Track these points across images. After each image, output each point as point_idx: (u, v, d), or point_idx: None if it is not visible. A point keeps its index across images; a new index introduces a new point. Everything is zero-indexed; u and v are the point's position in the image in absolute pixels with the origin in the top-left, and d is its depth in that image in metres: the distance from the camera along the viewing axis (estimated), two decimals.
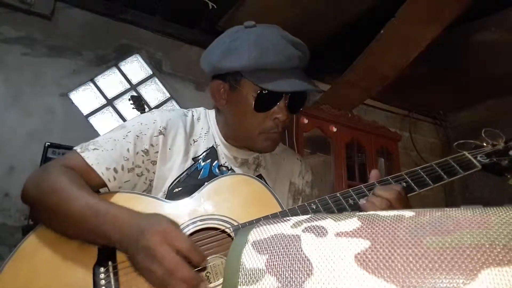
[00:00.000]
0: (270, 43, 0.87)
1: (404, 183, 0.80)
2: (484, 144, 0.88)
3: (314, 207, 0.80)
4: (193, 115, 1.01)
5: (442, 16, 2.24)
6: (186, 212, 0.80)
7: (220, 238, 0.79)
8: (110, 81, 2.69)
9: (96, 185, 0.83)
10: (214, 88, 0.95)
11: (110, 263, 0.72)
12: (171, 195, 0.87)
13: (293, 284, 0.28)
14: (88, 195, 0.74)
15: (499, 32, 2.58)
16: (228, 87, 0.93)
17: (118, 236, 0.68)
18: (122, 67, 2.73)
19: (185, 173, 0.91)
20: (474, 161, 0.83)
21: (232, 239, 0.78)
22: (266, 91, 0.87)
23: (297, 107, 0.94)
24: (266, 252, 0.32)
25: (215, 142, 0.98)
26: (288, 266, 0.30)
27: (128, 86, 2.75)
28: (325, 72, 3.19)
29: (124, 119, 2.65)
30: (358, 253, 0.28)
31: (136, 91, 2.76)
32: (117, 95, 2.70)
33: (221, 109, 0.99)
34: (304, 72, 0.93)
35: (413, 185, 0.80)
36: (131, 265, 0.68)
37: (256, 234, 0.35)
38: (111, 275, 0.71)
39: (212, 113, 1.04)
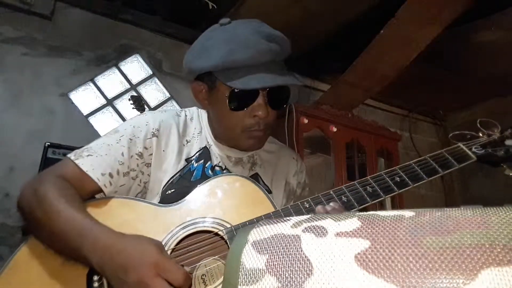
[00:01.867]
0: (240, 39, 0.84)
1: (398, 178, 0.79)
2: (480, 135, 0.87)
3: (307, 206, 0.80)
4: (186, 115, 1.00)
5: (442, 16, 2.24)
6: (179, 216, 0.80)
7: (214, 241, 0.78)
8: (110, 81, 2.68)
9: (92, 192, 0.82)
10: (195, 89, 0.95)
11: None
12: (165, 197, 0.87)
13: (293, 284, 0.28)
14: (74, 210, 0.72)
15: (499, 32, 2.58)
16: (207, 88, 0.92)
17: (96, 259, 0.66)
18: (122, 67, 2.73)
19: (178, 174, 0.90)
20: (469, 152, 0.82)
21: (225, 241, 0.78)
22: (237, 90, 0.85)
23: (278, 103, 0.90)
24: (266, 252, 0.32)
25: (208, 142, 0.97)
26: (288, 266, 0.30)
27: (128, 86, 2.75)
28: (325, 72, 3.19)
29: (124, 119, 2.64)
30: (358, 253, 0.28)
31: (136, 91, 2.76)
32: (117, 95, 2.69)
33: (206, 110, 0.99)
34: (283, 65, 0.90)
35: (407, 179, 0.79)
36: None
37: (256, 234, 0.34)
38: (105, 282, 0.71)
39: (204, 113, 1.03)
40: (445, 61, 2.96)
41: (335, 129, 2.68)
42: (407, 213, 0.32)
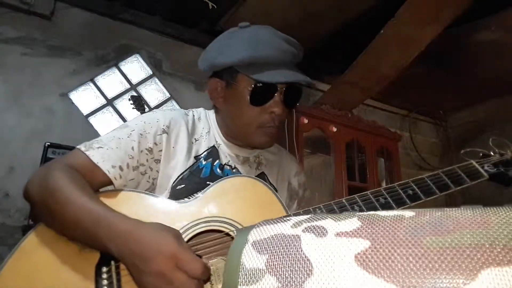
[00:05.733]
0: (263, 38, 0.90)
1: (411, 191, 0.80)
2: (491, 153, 0.87)
3: (319, 212, 0.80)
4: (193, 115, 1.02)
5: (442, 16, 2.24)
6: (190, 213, 0.80)
7: (224, 241, 0.78)
8: (110, 81, 2.68)
9: (101, 184, 0.82)
10: (211, 86, 0.97)
11: (112, 262, 0.71)
12: (175, 192, 0.88)
13: (293, 284, 0.28)
14: (88, 198, 0.72)
15: (499, 32, 2.58)
16: (225, 84, 0.94)
17: (115, 246, 0.66)
18: (122, 67, 2.73)
19: (187, 171, 0.91)
20: (482, 170, 0.83)
21: None
22: (260, 84, 0.89)
23: (292, 102, 0.95)
24: (266, 252, 0.32)
25: (216, 142, 0.99)
26: (288, 266, 0.30)
27: (128, 86, 2.75)
28: (325, 72, 3.19)
29: (124, 119, 2.65)
30: (358, 253, 0.28)
31: (136, 91, 2.76)
32: (117, 95, 2.70)
33: (219, 108, 1.00)
34: (298, 68, 0.94)
35: (419, 193, 0.80)
36: (134, 280, 0.67)
37: (256, 234, 0.35)
38: (114, 275, 0.70)
39: (211, 113, 1.05)
40: (445, 61, 2.96)
41: (335, 129, 2.68)
42: (407, 213, 0.32)
